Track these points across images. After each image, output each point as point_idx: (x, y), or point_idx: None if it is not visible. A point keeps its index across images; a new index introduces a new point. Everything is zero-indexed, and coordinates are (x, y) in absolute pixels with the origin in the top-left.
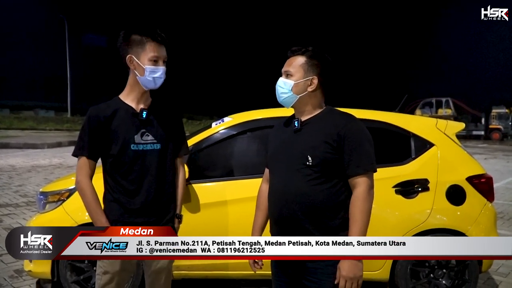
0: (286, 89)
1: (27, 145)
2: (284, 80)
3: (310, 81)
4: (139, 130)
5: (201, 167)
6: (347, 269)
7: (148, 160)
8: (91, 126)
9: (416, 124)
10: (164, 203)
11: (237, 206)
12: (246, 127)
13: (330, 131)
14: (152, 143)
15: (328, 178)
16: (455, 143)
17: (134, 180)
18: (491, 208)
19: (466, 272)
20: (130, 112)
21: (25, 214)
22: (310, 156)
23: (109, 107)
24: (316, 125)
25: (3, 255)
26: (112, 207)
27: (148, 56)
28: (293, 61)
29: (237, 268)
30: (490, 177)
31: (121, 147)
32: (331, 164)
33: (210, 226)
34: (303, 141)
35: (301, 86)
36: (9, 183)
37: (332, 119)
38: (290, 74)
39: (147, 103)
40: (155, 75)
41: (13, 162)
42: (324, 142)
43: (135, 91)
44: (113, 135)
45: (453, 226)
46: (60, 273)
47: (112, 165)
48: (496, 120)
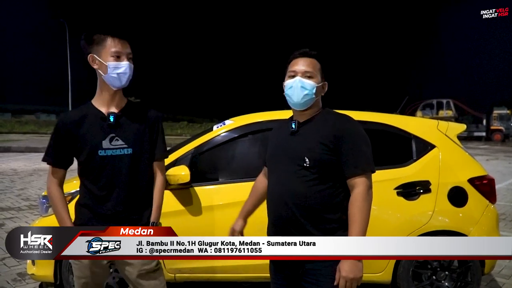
0: (310, 90)
1: (28, 149)
2: (308, 81)
3: (324, 85)
4: (108, 134)
5: (202, 170)
6: (347, 269)
7: (119, 165)
8: (58, 134)
9: (417, 125)
10: (137, 210)
11: (239, 209)
12: (247, 130)
13: (326, 133)
14: (122, 148)
15: (325, 179)
16: (457, 144)
17: (103, 187)
18: (493, 210)
19: (469, 274)
20: (99, 117)
21: (27, 218)
22: (307, 157)
23: (78, 113)
24: (313, 127)
25: (6, 258)
26: (81, 211)
27: (109, 52)
28: (311, 63)
29: (238, 271)
30: (492, 179)
31: (88, 154)
32: (328, 166)
33: (212, 228)
34: (300, 142)
35: (320, 89)
36: (11, 186)
37: (328, 120)
38: (311, 76)
39: (121, 105)
40: (119, 71)
41: (15, 166)
42: (320, 144)
43: (104, 94)
44: (80, 141)
45: (455, 227)
46: (62, 276)
47: (81, 172)
48: (498, 121)
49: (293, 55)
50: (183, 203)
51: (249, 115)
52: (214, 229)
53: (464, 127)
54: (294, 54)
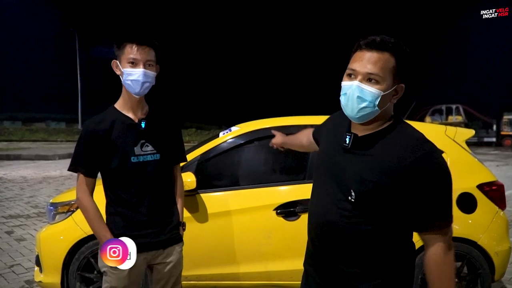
0: (371, 101)
1: (38, 157)
2: (369, 89)
3: (395, 90)
4: (139, 141)
5: (208, 176)
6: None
7: (149, 171)
8: (88, 142)
9: (424, 131)
10: (167, 213)
11: (245, 216)
12: (253, 136)
13: (392, 162)
14: (152, 154)
15: (373, 219)
16: (465, 150)
17: (135, 193)
18: (503, 216)
19: (478, 281)
20: (128, 123)
21: (36, 225)
22: (353, 190)
23: (106, 119)
24: (375, 148)
25: (14, 265)
26: (115, 220)
27: (126, 59)
28: (380, 60)
29: (246, 278)
30: (502, 184)
31: (120, 160)
32: (378, 204)
33: (218, 235)
34: (352, 168)
35: (387, 98)
36: (21, 194)
37: (399, 142)
38: (376, 79)
39: (144, 111)
40: (132, 78)
41: (24, 174)
42: (379, 176)
43: (128, 100)
44: (112, 148)
45: (464, 234)
46: (69, 284)
47: (112, 179)
48: (508, 126)
49: (357, 44)
50: (189, 210)
51: (255, 121)
52: (220, 237)
53: (472, 132)
54: (359, 43)
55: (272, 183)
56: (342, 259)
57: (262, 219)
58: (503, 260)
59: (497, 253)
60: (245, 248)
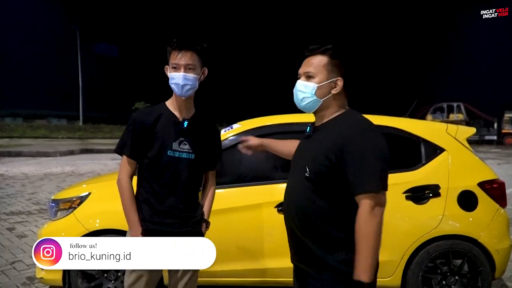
0: (308, 93)
1: (39, 153)
2: (304, 83)
3: (334, 83)
4: (178, 138)
5: None
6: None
7: (181, 167)
8: (135, 129)
9: (426, 129)
10: (191, 209)
11: (247, 213)
12: (254, 133)
13: (335, 141)
14: (187, 152)
15: (326, 193)
16: (466, 148)
17: (165, 185)
18: (504, 214)
19: (479, 278)
20: (173, 120)
21: (37, 222)
22: (308, 167)
23: (154, 112)
24: (324, 133)
25: (16, 262)
26: (143, 206)
27: (170, 64)
28: (314, 60)
29: (248, 275)
30: (502, 182)
31: (158, 151)
32: (328, 179)
33: (220, 233)
34: (309, 149)
35: (325, 88)
36: (22, 191)
37: (346, 124)
38: (311, 75)
39: (190, 113)
40: (174, 81)
41: (26, 170)
42: (324, 154)
43: (175, 100)
44: (154, 138)
45: (465, 232)
46: (71, 280)
47: (147, 167)
48: (509, 124)
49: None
50: None
51: (256, 118)
52: (222, 234)
53: (473, 130)
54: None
55: (273, 180)
56: (307, 233)
57: (263, 216)
58: (503, 258)
59: (498, 251)
60: (246, 245)
